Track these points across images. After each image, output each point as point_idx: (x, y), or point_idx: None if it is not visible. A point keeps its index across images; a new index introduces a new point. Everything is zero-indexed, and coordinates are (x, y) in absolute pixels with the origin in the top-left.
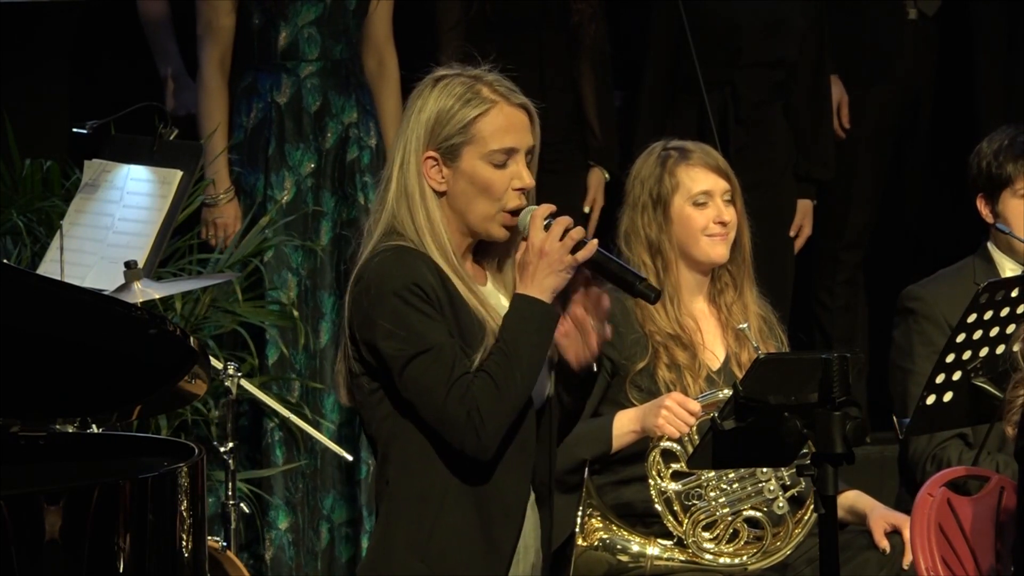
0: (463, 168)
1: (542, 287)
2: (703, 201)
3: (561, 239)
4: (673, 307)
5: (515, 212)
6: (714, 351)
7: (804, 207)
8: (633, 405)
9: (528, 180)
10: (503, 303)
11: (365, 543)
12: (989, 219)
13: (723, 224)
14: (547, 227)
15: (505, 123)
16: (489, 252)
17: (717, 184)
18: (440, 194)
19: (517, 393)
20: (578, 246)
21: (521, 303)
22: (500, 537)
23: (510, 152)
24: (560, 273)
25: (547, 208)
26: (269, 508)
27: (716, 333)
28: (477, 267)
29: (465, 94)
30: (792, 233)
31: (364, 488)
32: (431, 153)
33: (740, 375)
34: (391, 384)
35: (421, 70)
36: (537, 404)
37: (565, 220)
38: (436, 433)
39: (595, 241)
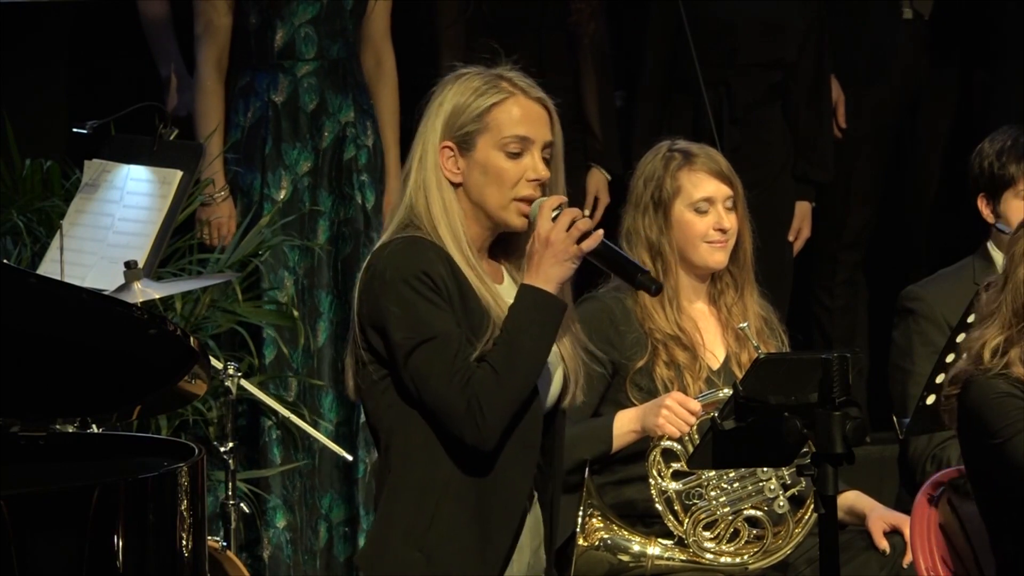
0: (477, 158)
1: (547, 277)
2: (704, 208)
3: (568, 229)
4: (672, 310)
5: (529, 201)
6: (714, 352)
7: (803, 209)
8: (634, 405)
9: (543, 172)
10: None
11: (363, 541)
12: (990, 219)
13: (723, 231)
14: (555, 218)
15: (521, 113)
16: (508, 250)
17: (719, 190)
18: (456, 185)
19: (519, 384)
20: (584, 236)
21: (525, 293)
22: (497, 532)
23: (524, 141)
24: (565, 263)
25: (557, 199)
26: (267, 507)
27: (716, 334)
28: (494, 264)
29: (483, 87)
30: (791, 236)
31: (362, 487)
32: (447, 143)
33: (740, 375)
34: (397, 372)
35: (420, 69)
36: (548, 405)
37: (573, 211)
38: (436, 423)
39: (600, 232)
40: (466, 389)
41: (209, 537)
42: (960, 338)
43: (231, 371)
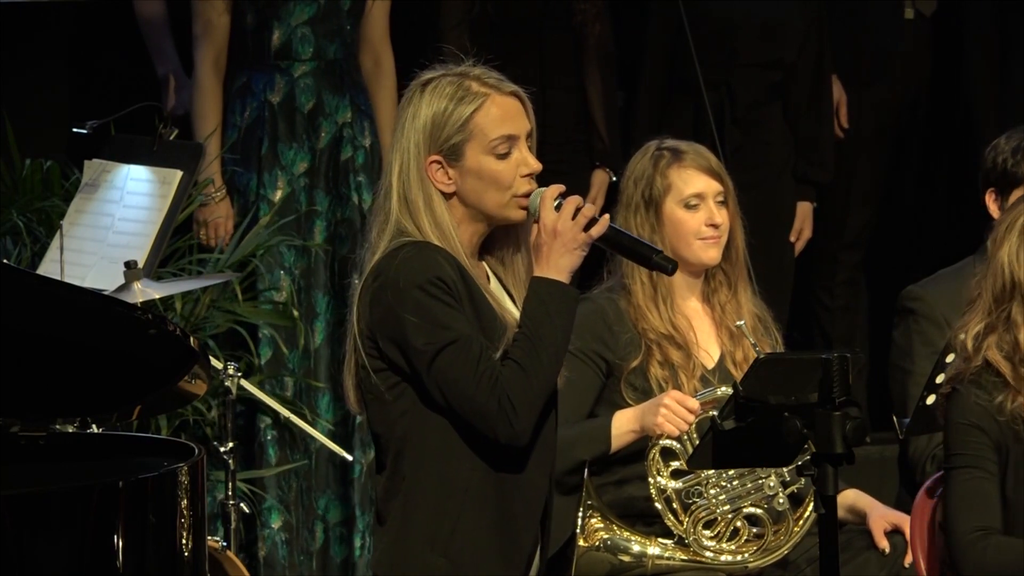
0: (468, 165)
1: (558, 267)
2: (695, 203)
3: (573, 218)
4: (666, 308)
5: (527, 195)
6: (708, 350)
7: (804, 209)
8: (628, 405)
9: (534, 164)
10: (507, 302)
11: (358, 542)
12: (996, 215)
13: (715, 227)
14: (558, 207)
15: (500, 113)
16: (492, 249)
17: (709, 186)
18: (449, 195)
19: (545, 376)
20: (590, 223)
21: (539, 286)
22: (521, 532)
23: (511, 140)
24: (575, 252)
25: (557, 188)
26: (262, 507)
27: (710, 332)
28: (480, 265)
29: (456, 92)
30: (793, 236)
31: (358, 488)
32: (435, 157)
33: (735, 373)
34: (414, 378)
35: (423, 70)
36: None
37: (576, 199)
38: (460, 426)
39: (607, 217)
40: (495, 388)
41: (209, 537)
42: None
43: (231, 371)
